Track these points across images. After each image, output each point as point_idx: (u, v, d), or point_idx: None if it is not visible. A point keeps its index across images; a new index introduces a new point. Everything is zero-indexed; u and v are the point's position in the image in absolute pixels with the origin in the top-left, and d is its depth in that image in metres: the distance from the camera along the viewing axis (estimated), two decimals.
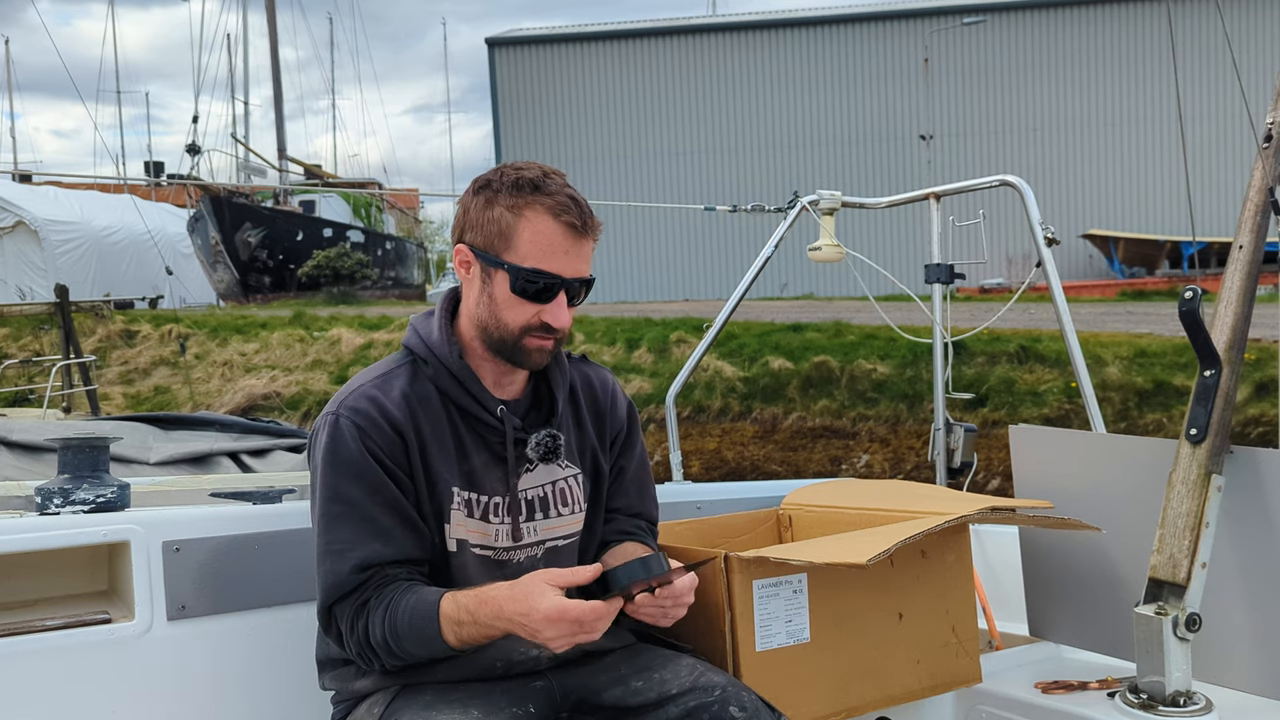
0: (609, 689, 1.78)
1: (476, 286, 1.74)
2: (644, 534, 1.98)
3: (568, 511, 1.85)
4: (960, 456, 3.12)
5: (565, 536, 1.86)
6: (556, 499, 1.84)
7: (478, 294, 1.74)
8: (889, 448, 12.05)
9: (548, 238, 1.68)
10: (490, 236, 1.70)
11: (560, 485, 1.85)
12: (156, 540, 1.93)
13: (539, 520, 1.82)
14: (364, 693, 1.76)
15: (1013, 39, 29.20)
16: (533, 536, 1.82)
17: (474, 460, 1.77)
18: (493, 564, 1.78)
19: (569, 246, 1.70)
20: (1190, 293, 1.92)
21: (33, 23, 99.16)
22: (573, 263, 1.70)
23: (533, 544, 1.82)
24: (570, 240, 1.69)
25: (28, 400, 13.69)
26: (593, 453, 1.90)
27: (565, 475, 1.85)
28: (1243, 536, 2.00)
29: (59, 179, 32.35)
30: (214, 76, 56.97)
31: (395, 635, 1.63)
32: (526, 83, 30.31)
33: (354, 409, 1.71)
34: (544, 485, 1.83)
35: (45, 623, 1.87)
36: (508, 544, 1.79)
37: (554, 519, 1.84)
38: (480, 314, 1.74)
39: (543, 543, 1.83)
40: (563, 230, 1.69)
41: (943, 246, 3.23)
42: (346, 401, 1.73)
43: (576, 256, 1.71)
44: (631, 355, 14.41)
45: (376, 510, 1.68)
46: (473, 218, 1.72)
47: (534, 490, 1.82)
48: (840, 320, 14.48)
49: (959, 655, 2.10)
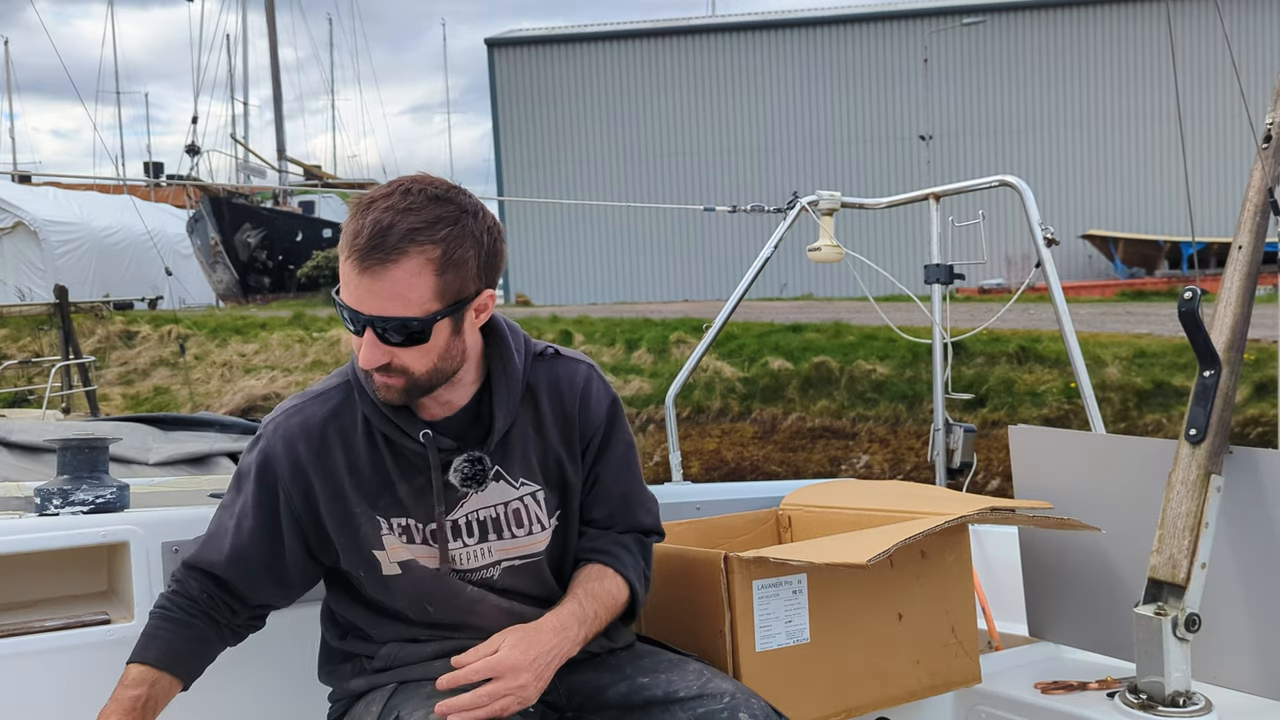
0: (614, 686, 1.75)
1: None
2: (618, 550, 1.81)
3: (523, 532, 1.74)
4: (960, 457, 3.12)
5: (523, 557, 1.76)
6: (509, 520, 1.74)
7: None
8: (888, 448, 12.05)
9: (348, 278, 1.56)
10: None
11: (515, 506, 1.74)
12: (156, 541, 1.93)
13: (493, 541, 1.74)
14: (359, 691, 1.76)
15: (1013, 39, 29.20)
16: (486, 558, 1.74)
17: (401, 489, 1.70)
18: (454, 577, 1.74)
19: (356, 279, 1.54)
20: (1190, 293, 1.91)
21: (32, 23, 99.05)
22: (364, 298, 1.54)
23: (487, 565, 1.74)
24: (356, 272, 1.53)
25: (27, 401, 13.69)
26: (557, 463, 1.77)
27: (521, 494, 1.74)
28: (1242, 537, 2.00)
29: (58, 179, 32.37)
30: (213, 77, 56.89)
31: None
32: (526, 83, 30.30)
33: (276, 431, 1.74)
34: (496, 506, 1.73)
35: (45, 623, 1.87)
36: (466, 565, 1.73)
37: (508, 540, 1.74)
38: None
39: (498, 563, 1.75)
40: (355, 270, 1.53)
41: (942, 247, 3.23)
42: (274, 420, 1.75)
43: (368, 292, 1.53)
44: (631, 356, 14.42)
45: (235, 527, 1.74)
46: None
47: (485, 511, 1.73)
48: (840, 321, 14.48)
49: (958, 655, 2.10)
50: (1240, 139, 24.32)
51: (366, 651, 1.78)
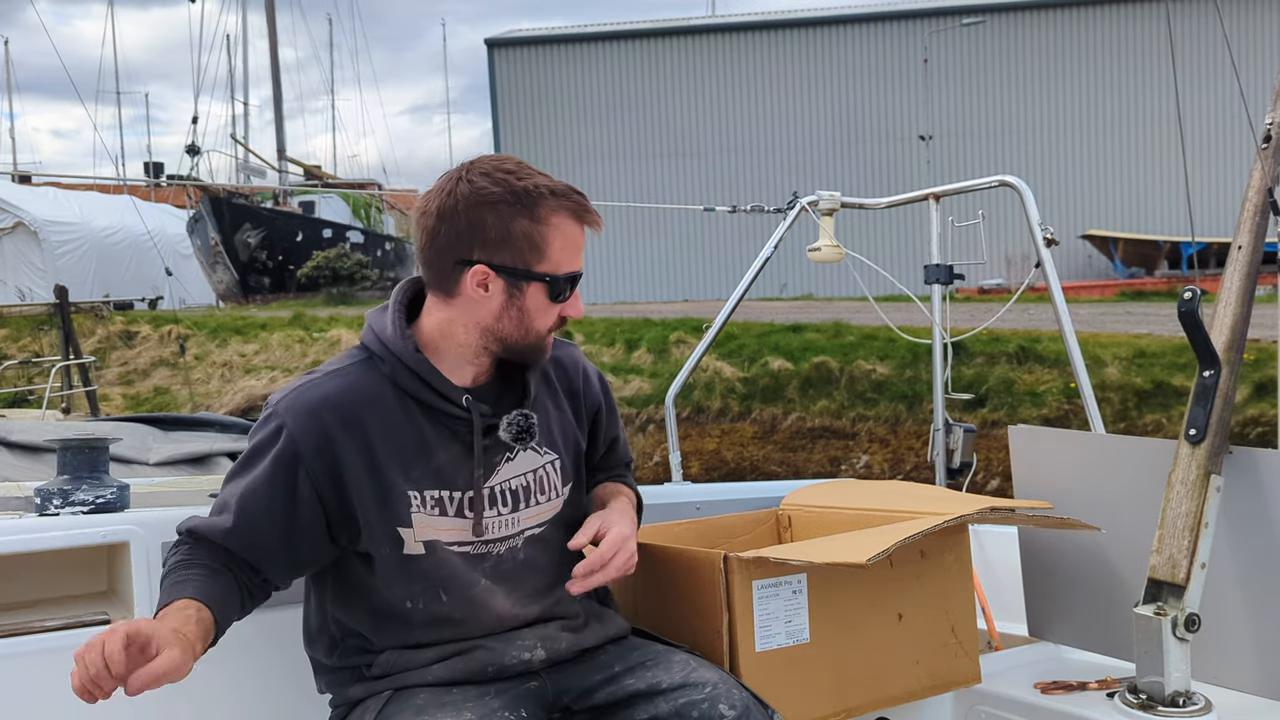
0: (602, 687, 1.77)
1: (498, 301, 1.69)
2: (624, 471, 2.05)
3: (545, 499, 1.82)
4: (960, 457, 3.12)
5: (541, 525, 1.82)
6: (535, 488, 1.81)
7: (499, 308, 1.70)
8: (888, 448, 12.05)
9: (576, 242, 1.71)
10: (519, 252, 1.66)
11: (540, 473, 1.81)
12: (156, 541, 1.92)
13: (520, 510, 1.78)
14: (356, 699, 1.76)
15: (1013, 39, 29.19)
16: (512, 528, 1.78)
17: (440, 457, 1.72)
18: (474, 559, 1.75)
19: (578, 234, 1.73)
20: (1189, 293, 1.92)
21: (32, 23, 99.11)
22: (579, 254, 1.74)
23: (513, 535, 1.78)
24: (579, 225, 1.72)
25: (27, 401, 13.69)
26: (573, 433, 1.88)
27: (544, 462, 1.82)
28: (1242, 537, 2.00)
29: (58, 179, 32.35)
30: (213, 77, 56.98)
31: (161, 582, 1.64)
32: (526, 83, 30.29)
33: (290, 409, 1.68)
34: (526, 474, 1.79)
35: (45, 623, 1.87)
36: (495, 535, 1.76)
37: (533, 508, 1.80)
38: (503, 327, 1.71)
39: (523, 533, 1.80)
40: (583, 231, 1.73)
41: (942, 247, 3.23)
42: (285, 400, 1.69)
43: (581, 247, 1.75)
44: (631, 356, 14.41)
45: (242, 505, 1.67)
46: (492, 234, 1.65)
47: (516, 479, 1.78)
48: (840, 321, 14.48)
49: (958, 655, 2.10)
50: (1240, 139, 24.32)
51: (364, 661, 1.77)
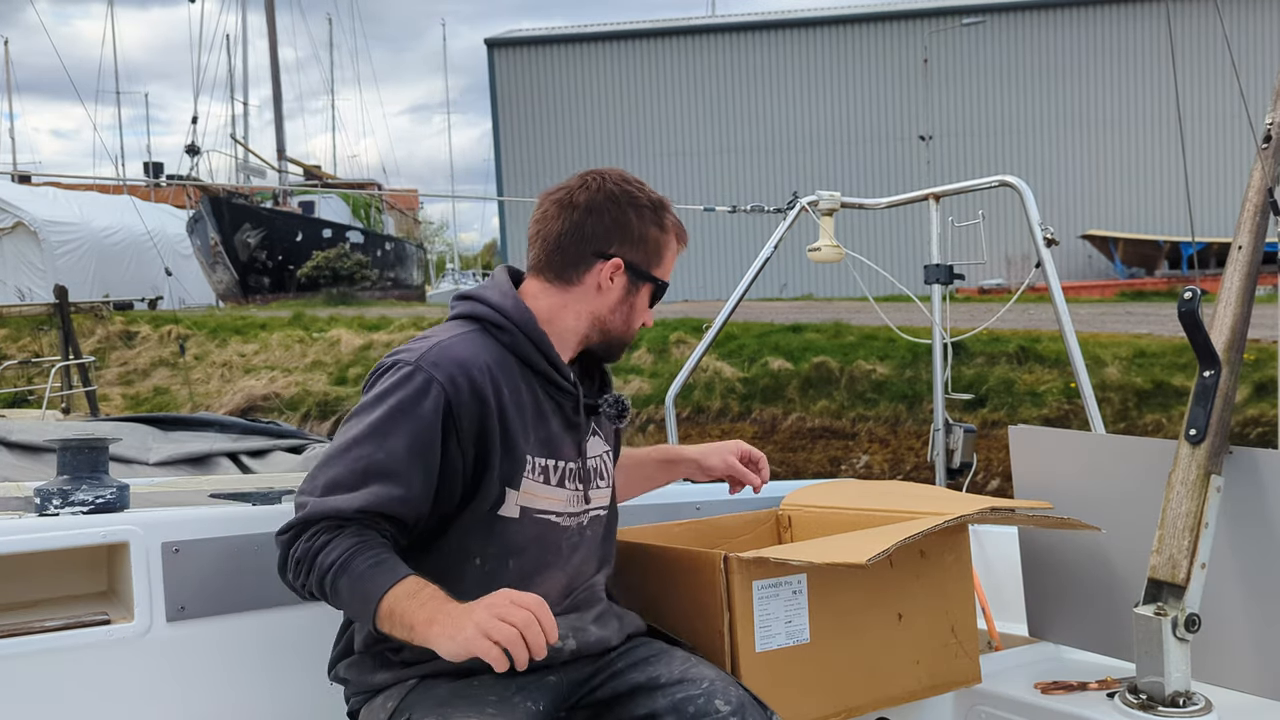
0: (606, 684, 1.79)
1: (616, 294, 1.84)
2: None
3: (604, 485, 1.92)
4: (960, 457, 3.12)
5: (602, 508, 1.91)
6: (600, 472, 1.91)
7: (616, 301, 1.84)
8: (888, 448, 12.05)
9: (677, 257, 1.92)
10: (648, 254, 1.85)
11: (603, 458, 1.92)
12: (156, 541, 1.92)
13: (593, 489, 1.88)
14: (380, 686, 1.75)
15: (1012, 39, 29.20)
16: (591, 504, 1.87)
17: (551, 426, 1.81)
18: (548, 527, 1.80)
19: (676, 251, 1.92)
20: (1189, 293, 1.92)
21: (32, 23, 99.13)
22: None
23: (591, 509, 1.88)
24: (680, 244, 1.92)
25: (27, 401, 13.69)
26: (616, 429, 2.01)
27: (603, 450, 1.92)
28: (1242, 537, 2.00)
29: (58, 179, 32.37)
30: (213, 77, 56.95)
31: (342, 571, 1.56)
32: (526, 83, 30.30)
33: (437, 365, 1.68)
34: (595, 457, 1.89)
35: (45, 623, 1.86)
36: (579, 508, 1.84)
37: (600, 489, 1.90)
38: (613, 319, 1.86)
39: (588, 511, 1.88)
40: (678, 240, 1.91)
41: (942, 247, 3.23)
42: (429, 356, 1.69)
43: None
44: (630, 355, 14.41)
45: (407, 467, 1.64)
46: (633, 234, 1.83)
47: (592, 461, 1.88)
48: (840, 321, 14.48)
49: (958, 656, 2.10)
50: (1240, 139, 24.35)
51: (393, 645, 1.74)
